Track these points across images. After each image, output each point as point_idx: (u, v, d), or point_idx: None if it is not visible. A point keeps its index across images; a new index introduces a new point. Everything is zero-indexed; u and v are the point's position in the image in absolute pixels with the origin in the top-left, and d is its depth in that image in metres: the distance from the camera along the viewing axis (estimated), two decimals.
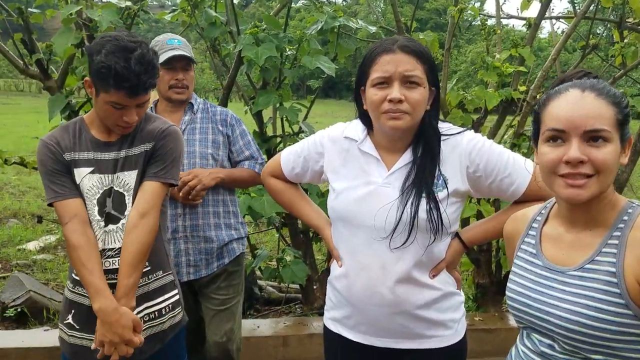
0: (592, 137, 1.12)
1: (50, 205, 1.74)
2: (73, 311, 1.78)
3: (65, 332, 1.80)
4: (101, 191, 1.74)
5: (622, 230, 1.13)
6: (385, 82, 1.49)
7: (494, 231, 1.63)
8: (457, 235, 1.64)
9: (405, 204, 1.49)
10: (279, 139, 3.60)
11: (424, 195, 1.50)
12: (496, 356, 3.40)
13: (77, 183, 1.74)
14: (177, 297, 1.87)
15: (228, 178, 2.40)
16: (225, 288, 2.47)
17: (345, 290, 1.62)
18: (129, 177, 1.76)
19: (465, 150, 1.54)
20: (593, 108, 1.12)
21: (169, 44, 2.36)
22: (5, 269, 4.89)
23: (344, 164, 1.64)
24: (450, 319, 1.61)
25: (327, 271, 3.78)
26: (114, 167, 1.75)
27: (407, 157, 1.56)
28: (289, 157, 1.79)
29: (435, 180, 1.52)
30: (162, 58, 2.31)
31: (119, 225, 1.75)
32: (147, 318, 1.79)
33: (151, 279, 1.81)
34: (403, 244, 1.51)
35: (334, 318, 1.69)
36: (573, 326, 1.13)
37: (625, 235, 1.12)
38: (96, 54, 1.63)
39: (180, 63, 2.37)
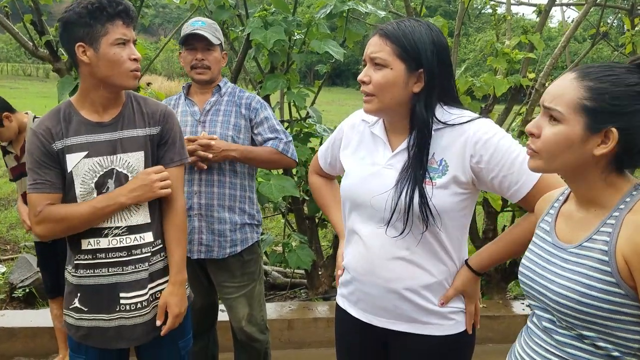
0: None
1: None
2: (79, 294, 1.78)
3: (73, 317, 1.80)
4: (99, 174, 1.73)
5: (621, 211, 1.14)
6: (365, 66, 1.52)
7: (501, 252, 1.58)
8: (466, 262, 1.61)
9: (401, 193, 1.49)
10: (286, 124, 3.61)
11: (416, 181, 1.48)
12: (500, 343, 3.42)
13: (70, 170, 1.72)
14: (186, 272, 1.89)
15: (242, 156, 2.37)
16: (240, 276, 2.49)
17: (349, 266, 1.66)
18: (133, 158, 1.75)
19: (471, 139, 1.48)
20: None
21: (192, 26, 2.39)
22: (14, 250, 4.95)
23: (358, 145, 1.66)
24: (449, 309, 1.58)
25: (333, 257, 3.82)
26: (113, 148, 1.74)
27: (408, 140, 1.55)
28: (322, 149, 1.87)
29: (436, 166, 1.50)
30: (181, 39, 2.41)
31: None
32: (158, 296, 1.81)
33: (163, 256, 1.83)
34: (400, 233, 1.50)
35: (342, 294, 1.73)
36: (565, 301, 1.16)
37: (622, 216, 1.13)
38: (73, 13, 1.65)
39: (200, 43, 2.38)
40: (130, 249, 1.76)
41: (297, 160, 2.53)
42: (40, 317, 3.28)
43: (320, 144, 3.68)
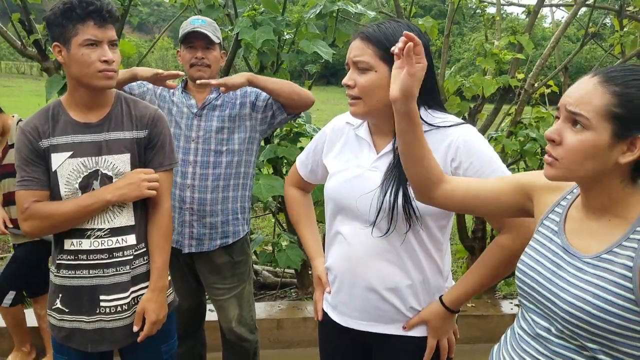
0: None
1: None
2: (61, 295, 1.78)
3: (55, 318, 1.80)
4: (83, 175, 1.72)
5: None
6: (349, 69, 1.52)
7: (476, 286, 1.55)
8: (440, 298, 1.58)
9: (385, 193, 1.49)
10: None
11: (401, 182, 1.48)
12: (487, 342, 3.42)
13: (55, 169, 1.72)
14: (168, 278, 1.88)
15: (257, 80, 2.33)
16: (230, 277, 2.49)
17: (332, 267, 1.66)
18: (119, 160, 1.74)
19: (454, 143, 1.48)
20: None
21: (192, 24, 2.38)
22: (4, 249, 4.93)
23: (342, 148, 1.66)
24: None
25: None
26: (98, 150, 1.73)
27: (394, 140, 1.55)
28: (302, 158, 1.85)
29: None
30: (181, 37, 2.40)
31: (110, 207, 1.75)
32: (125, 307, 1.78)
33: (146, 260, 1.82)
34: (385, 233, 1.51)
35: (326, 299, 1.72)
36: (577, 312, 1.11)
37: None
38: (51, 13, 1.66)
39: (200, 42, 2.37)
40: (112, 251, 1.74)
41: (314, 100, 2.45)
42: (30, 317, 3.27)
43: None
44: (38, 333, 3.09)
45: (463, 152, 1.47)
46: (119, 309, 1.76)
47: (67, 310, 1.77)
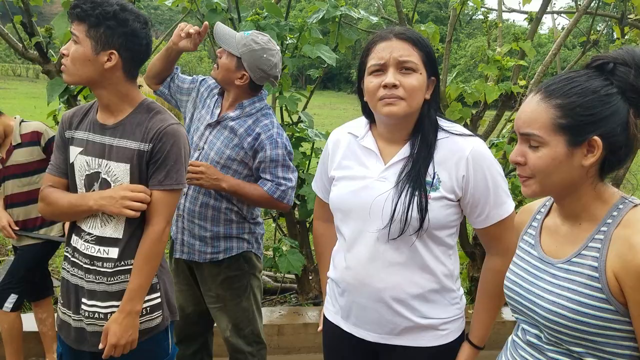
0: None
1: None
2: (61, 286, 1.83)
3: (59, 307, 1.84)
4: (87, 173, 1.73)
5: (609, 226, 1.14)
6: (380, 69, 1.48)
7: (493, 315, 1.62)
8: (466, 338, 1.63)
9: (399, 198, 1.48)
10: None
11: (416, 189, 1.48)
12: (488, 349, 3.41)
13: (71, 162, 1.75)
14: (157, 300, 1.79)
15: (231, 190, 2.27)
16: (225, 289, 2.43)
17: (340, 278, 1.63)
18: (118, 169, 1.71)
19: (466, 158, 1.49)
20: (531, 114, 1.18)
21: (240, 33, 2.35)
22: (0, 253, 4.89)
23: (345, 159, 1.63)
24: (441, 321, 1.57)
25: None
26: (102, 153, 1.71)
27: (405, 150, 1.54)
28: (316, 182, 1.80)
29: (429, 179, 1.49)
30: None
31: (99, 214, 1.72)
32: (102, 316, 1.74)
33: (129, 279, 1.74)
34: (397, 237, 1.49)
35: (333, 309, 1.69)
36: (555, 317, 1.15)
37: (611, 231, 1.13)
38: None
39: (220, 48, 2.35)
40: (93, 259, 1.72)
41: (292, 204, 2.43)
42: (27, 322, 3.23)
43: (312, 148, 3.69)
44: (37, 338, 3.06)
45: (472, 169, 1.50)
46: (96, 315, 1.74)
47: (62, 302, 1.82)
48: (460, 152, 1.50)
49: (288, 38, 3.28)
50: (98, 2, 1.63)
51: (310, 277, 3.92)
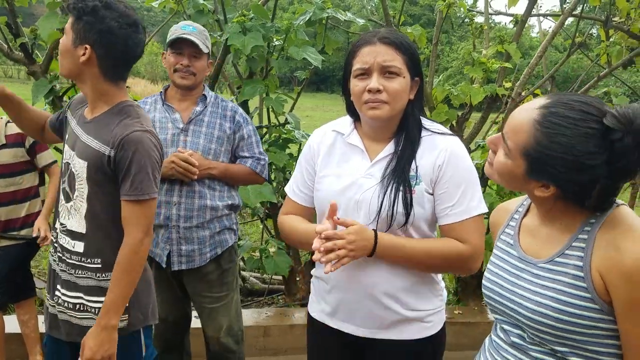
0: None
1: None
2: (48, 269, 1.86)
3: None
4: (64, 161, 1.79)
5: (593, 226, 1.14)
6: (365, 73, 1.51)
7: (408, 249, 1.51)
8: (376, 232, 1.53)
9: (385, 194, 1.51)
10: (264, 130, 3.60)
11: (401, 184, 1.51)
12: (474, 349, 3.40)
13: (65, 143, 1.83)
14: (117, 319, 1.71)
15: (221, 174, 2.38)
16: (218, 286, 2.45)
17: (328, 276, 1.61)
18: (78, 164, 1.71)
19: (443, 154, 1.53)
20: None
21: (182, 29, 2.35)
22: None
23: (330, 157, 1.65)
24: (426, 312, 1.60)
25: (310, 263, 3.82)
26: (73, 145, 1.76)
27: (390, 148, 1.57)
28: (291, 185, 1.75)
29: (413, 174, 1.53)
30: (169, 40, 2.37)
31: (69, 205, 1.75)
32: (83, 308, 1.74)
33: (99, 277, 1.73)
34: (384, 232, 1.52)
35: (320, 308, 1.70)
36: (539, 317, 1.15)
37: (595, 231, 1.13)
38: None
39: (189, 49, 2.34)
40: (64, 249, 1.76)
41: (267, 179, 2.62)
42: (11, 324, 3.21)
43: (299, 150, 3.69)
44: (20, 339, 3.04)
45: (447, 165, 1.53)
46: (66, 304, 1.76)
47: (47, 287, 1.85)
48: (439, 147, 1.55)
49: (274, 40, 3.28)
50: None
51: (297, 279, 3.92)
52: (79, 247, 1.72)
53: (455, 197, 1.53)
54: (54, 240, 1.81)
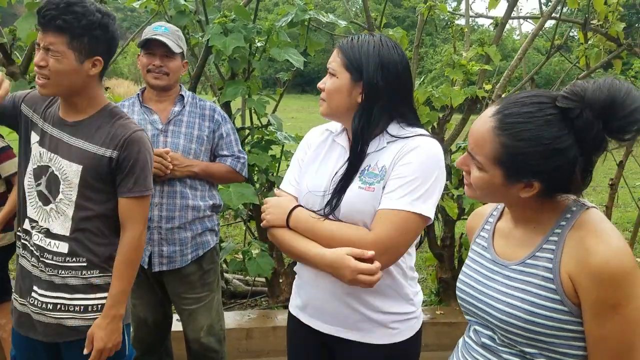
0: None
1: None
2: (16, 268, 1.84)
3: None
4: (39, 164, 1.75)
5: (563, 228, 1.16)
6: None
7: (314, 228, 1.52)
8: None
9: (334, 190, 1.55)
10: (247, 131, 3.60)
11: (349, 181, 1.54)
12: (442, 350, 3.45)
13: (31, 145, 1.77)
14: (104, 300, 1.77)
15: (203, 172, 2.39)
16: (200, 287, 2.45)
17: (300, 271, 1.69)
18: (70, 168, 1.71)
19: (404, 148, 1.51)
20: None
21: (154, 30, 2.35)
22: None
23: (317, 154, 1.68)
24: (390, 318, 1.58)
25: (293, 264, 3.82)
26: (55, 148, 1.73)
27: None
28: (287, 179, 1.73)
29: (377, 172, 1.52)
30: (141, 42, 2.37)
31: (48, 207, 1.73)
32: (64, 308, 1.75)
33: (84, 275, 1.76)
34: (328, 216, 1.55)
35: (295, 303, 1.73)
36: (509, 319, 1.16)
37: (565, 233, 1.15)
38: None
39: (160, 50, 2.34)
40: (44, 250, 1.75)
41: (247, 177, 2.62)
42: None
43: (281, 151, 3.68)
44: None
45: (403, 155, 1.49)
46: (44, 305, 1.75)
47: (16, 287, 1.82)
48: (407, 146, 1.51)
49: (256, 41, 3.28)
50: (80, 12, 1.60)
51: (280, 280, 3.91)
52: (63, 247, 1.73)
53: (394, 186, 1.47)
54: (26, 242, 1.79)
